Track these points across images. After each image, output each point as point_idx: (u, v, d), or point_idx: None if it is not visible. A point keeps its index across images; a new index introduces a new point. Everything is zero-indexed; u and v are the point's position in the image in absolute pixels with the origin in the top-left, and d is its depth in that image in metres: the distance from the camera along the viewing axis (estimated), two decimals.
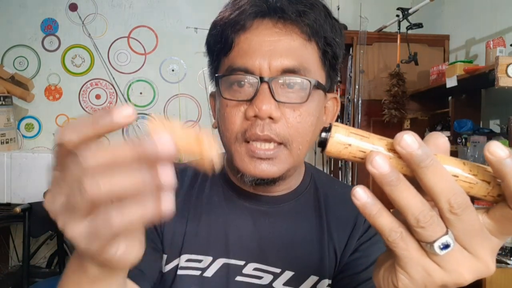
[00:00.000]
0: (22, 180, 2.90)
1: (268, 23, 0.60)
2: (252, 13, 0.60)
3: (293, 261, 0.67)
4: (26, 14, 3.33)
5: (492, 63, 2.03)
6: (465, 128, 2.35)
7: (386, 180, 0.29)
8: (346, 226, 0.71)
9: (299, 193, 0.72)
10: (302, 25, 0.60)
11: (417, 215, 0.29)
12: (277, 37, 0.59)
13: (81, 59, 3.39)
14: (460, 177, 0.30)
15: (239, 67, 0.59)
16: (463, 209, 0.29)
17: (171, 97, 3.43)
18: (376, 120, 2.96)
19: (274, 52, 0.58)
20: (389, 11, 3.07)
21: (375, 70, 3.03)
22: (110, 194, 0.27)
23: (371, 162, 0.29)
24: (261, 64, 0.58)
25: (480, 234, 0.31)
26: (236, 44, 0.61)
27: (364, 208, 0.31)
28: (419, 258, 0.31)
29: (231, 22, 0.60)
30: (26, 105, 3.33)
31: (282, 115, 0.59)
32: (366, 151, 0.31)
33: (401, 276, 0.32)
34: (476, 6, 2.72)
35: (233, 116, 0.60)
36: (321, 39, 0.62)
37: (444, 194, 0.29)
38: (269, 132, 0.58)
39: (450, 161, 0.31)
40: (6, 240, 3.11)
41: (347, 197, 0.74)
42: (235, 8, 0.61)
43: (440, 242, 0.30)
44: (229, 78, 0.60)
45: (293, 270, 0.67)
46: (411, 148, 0.28)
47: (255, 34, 0.60)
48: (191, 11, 3.39)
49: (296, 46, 0.60)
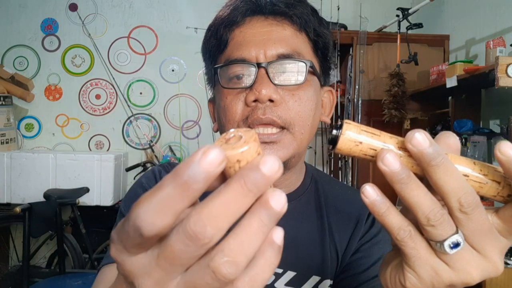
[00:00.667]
0: (22, 180, 2.91)
1: (260, 17, 0.64)
2: (243, 9, 0.63)
3: (295, 262, 0.67)
4: (26, 14, 3.33)
5: (492, 63, 2.03)
6: (465, 128, 2.35)
7: (397, 177, 0.29)
8: (347, 226, 0.71)
9: (300, 193, 0.72)
10: (292, 16, 0.63)
11: (428, 214, 0.29)
12: (269, 28, 0.63)
13: (81, 59, 3.39)
14: (470, 177, 0.30)
15: (236, 58, 0.62)
16: (473, 208, 0.29)
17: (171, 97, 3.43)
18: (376, 120, 2.96)
19: (268, 41, 0.61)
20: (389, 11, 3.07)
21: (375, 70, 3.03)
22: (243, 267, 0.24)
23: (382, 160, 0.29)
24: (257, 53, 0.61)
25: (489, 234, 0.31)
26: (231, 39, 0.64)
27: (373, 206, 0.31)
28: (427, 257, 0.31)
29: (225, 20, 0.64)
30: (26, 105, 3.33)
31: (282, 99, 0.61)
32: (377, 149, 0.31)
33: (409, 275, 0.32)
34: (476, 6, 2.72)
35: (233, 105, 0.62)
36: (311, 30, 0.64)
37: (455, 193, 0.29)
38: (271, 115, 0.59)
39: (460, 160, 0.31)
40: (6, 240, 3.11)
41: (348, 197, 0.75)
42: (227, 7, 0.65)
43: (450, 241, 0.30)
44: (228, 69, 0.62)
45: (295, 270, 0.67)
46: (422, 146, 0.28)
47: (249, 28, 0.63)
48: (191, 11, 3.39)
49: (288, 34, 0.63)
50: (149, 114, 3.43)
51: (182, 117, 3.42)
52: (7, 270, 2.92)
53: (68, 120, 3.38)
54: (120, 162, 3.09)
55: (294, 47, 0.62)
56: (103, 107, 3.41)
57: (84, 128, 3.39)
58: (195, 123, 3.45)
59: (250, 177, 0.23)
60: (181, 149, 3.43)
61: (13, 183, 2.90)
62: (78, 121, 3.39)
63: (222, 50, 0.65)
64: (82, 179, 2.90)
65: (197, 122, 3.45)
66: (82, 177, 2.90)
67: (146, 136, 3.37)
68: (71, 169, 2.91)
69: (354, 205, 0.73)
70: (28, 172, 2.90)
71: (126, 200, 0.74)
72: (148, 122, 3.43)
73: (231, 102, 0.62)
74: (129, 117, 3.40)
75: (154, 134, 3.44)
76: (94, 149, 3.39)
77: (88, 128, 3.39)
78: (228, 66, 0.62)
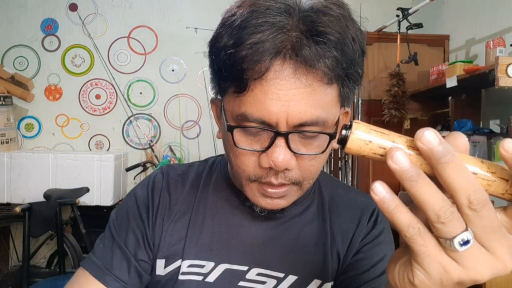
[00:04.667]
0: (22, 180, 2.91)
1: (288, 69, 0.51)
2: (272, 50, 0.50)
3: (297, 266, 0.67)
4: (26, 14, 3.33)
5: (492, 63, 2.03)
6: (465, 128, 2.35)
7: (407, 175, 0.29)
8: (349, 228, 0.71)
9: (304, 197, 0.71)
10: (325, 69, 0.51)
11: (438, 211, 0.30)
12: (296, 88, 0.52)
13: (81, 59, 3.39)
14: (478, 175, 0.31)
15: (255, 119, 0.53)
16: (482, 206, 0.29)
17: (171, 97, 3.43)
18: (376, 120, 2.95)
19: (292, 105, 0.52)
20: (389, 11, 3.07)
21: (375, 70, 3.03)
22: None
23: (391, 158, 0.29)
24: (279, 117, 0.52)
25: (498, 231, 0.31)
26: (250, 90, 0.53)
27: (382, 203, 0.31)
28: (436, 254, 0.31)
29: (247, 61, 0.51)
30: (26, 105, 3.33)
31: (297, 164, 0.57)
32: (386, 148, 0.32)
33: (418, 272, 0.32)
34: (476, 6, 2.72)
35: (246, 160, 0.57)
36: (344, 76, 0.54)
37: (464, 190, 0.29)
38: (283, 180, 0.57)
39: (468, 159, 0.31)
40: (6, 240, 3.11)
41: (350, 199, 0.75)
42: (252, 40, 0.51)
43: (460, 238, 0.30)
44: (244, 130, 0.56)
45: (297, 274, 0.67)
46: (431, 144, 0.29)
47: (272, 84, 0.52)
48: (191, 11, 3.39)
49: (316, 95, 0.53)
50: (149, 114, 3.43)
51: (182, 117, 3.42)
52: (7, 270, 2.92)
53: (68, 120, 3.38)
54: (120, 162, 3.09)
55: (320, 112, 0.53)
56: (103, 107, 3.41)
57: (84, 128, 3.39)
58: (195, 123, 3.45)
59: None
60: (181, 149, 3.43)
61: (13, 183, 2.90)
62: (78, 121, 3.39)
63: (238, 93, 0.54)
64: (82, 179, 2.90)
65: (197, 122, 3.45)
66: (82, 177, 2.90)
67: (146, 136, 3.37)
68: (71, 169, 2.91)
69: (356, 207, 0.73)
70: (28, 172, 2.90)
71: (119, 210, 0.73)
72: (148, 122, 3.43)
73: (243, 155, 0.57)
74: (129, 117, 3.40)
75: (154, 134, 3.44)
76: (94, 149, 3.39)
77: (88, 128, 3.39)
78: (243, 128, 0.55)
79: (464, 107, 2.55)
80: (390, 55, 2.98)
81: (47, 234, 2.78)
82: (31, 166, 2.91)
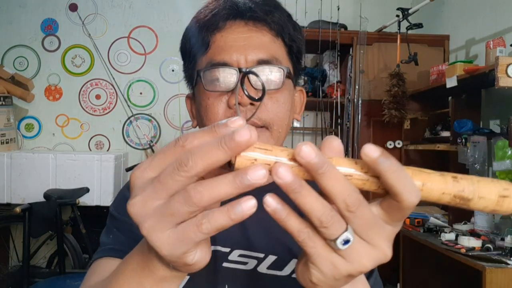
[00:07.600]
0: (22, 180, 2.91)
1: (240, 22, 0.67)
2: (225, 14, 0.67)
3: (276, 246, 0.70)
4: (26, 14, 3.33)
5: (492, 63, 2.03)
6: (465, 128, 2.35)
7: (291, 188, 0.32)
8: None
9: None
10: (270, 23, 0.67)
11: (320, 217, 0.33)
12: (249, 34, 0.67)
13: (81, 59, 3.39)
14: (354, 176, 0.34)
15: (219, 61, 0.65)
16: (357, 206, 0.33)
17: (171, 97, 3.43)
18: (376, 120, 2.96)
19: (248, 47, 0.66)
20: (389, 11, 3.07)
21: (375, 70, 3.03)
22: (209, 202, 0.31)
23: (276, 173, 0.32)
24: (238, 58, 0.65)
25: (375, 225, 0.34)
26: (212, 42, 0.67)
27: (274, 214, 0.34)
28: (326, 254, 0.35)
29: (206, 24, 0.68)
30: (26, 105, 3.33)
31: (262, 102, 0.64)
32: (270, 163, 0.33)
33: (313, 271, 0.36)
34: (476, 6, 2.72)
35: (215, 106, 0.66)
36: (287, 35, 0.69)
37: (340, 195, 0.32)
38: (254, 119, 0.64)
39: (344, 162, 0.34)
40: (6, 240, 3.12)
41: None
42: (207, 11, 0.69)
43: (341, 238, 0.33)
44: (211, 72, 0.66)
45: (276, 254, 0.69)
46: (309, 158, 0.31)
47: (230, 32, 0.67)
48: (191, 11, 3.36)
49: (267, 41, 0.67)
50: (149, 114, 3.43)
51: (182, 117, 3.42)
52: (7, 270, 2.92)
53: (68, 120, 3.38)
54: (120, 162, 3.09)
55: (272, 53, 0.67)
56: (103, 107, 3.41)
57: (84, 128, 3.39)
58: None
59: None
60: None
61: (13, 183, 2.90)
62: (78, 121, 3.39)
63: (203, 52, 0.68)
64: (82, 179, 2.90)
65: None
66: (82, 177, 2.90)
67: (146, 136, 3.37)
68: (71, 169, 2.91)
69: None
70: (28, 172, 2.90)
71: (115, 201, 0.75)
72: (148, 122, 3.43)
73: (213, 103, 0.66)
74: (129, 117, 3.40)
75: (154, 134, 3.44)
76: (94, 149, 3.39)
77: (88, 128, 3.39)
78: (210, 70, 0.66)
79: (464, 107, 2.55)
80: (390, 55, 2.98)
81: (47, 234, 2.78)
82: (31, 166, 2.91)
